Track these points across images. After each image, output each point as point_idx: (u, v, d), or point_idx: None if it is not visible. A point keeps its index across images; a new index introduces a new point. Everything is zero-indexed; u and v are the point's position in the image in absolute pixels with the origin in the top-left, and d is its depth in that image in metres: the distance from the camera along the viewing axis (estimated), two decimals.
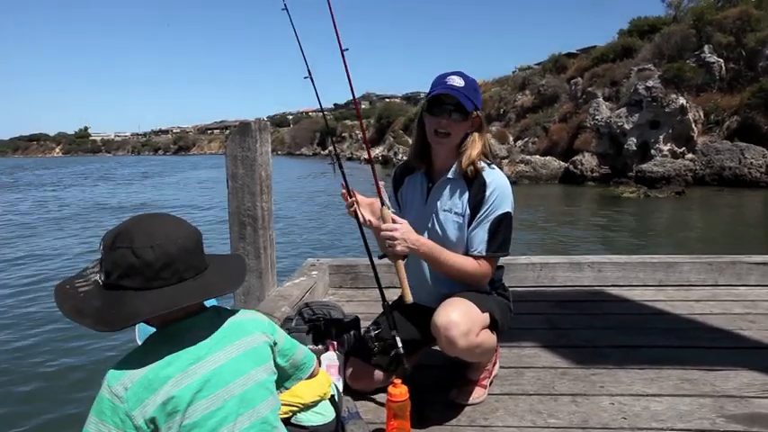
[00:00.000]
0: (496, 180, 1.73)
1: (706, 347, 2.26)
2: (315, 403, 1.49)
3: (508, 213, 1.74)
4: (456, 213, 1.74)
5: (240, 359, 1.04)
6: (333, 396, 1.55)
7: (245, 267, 1.17)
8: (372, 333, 1.82)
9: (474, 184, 1.73)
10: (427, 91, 1.78)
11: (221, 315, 1.09)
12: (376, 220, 1.76)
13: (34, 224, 13.43)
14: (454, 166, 1.76)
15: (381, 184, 1.74)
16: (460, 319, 1.60)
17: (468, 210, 1.73)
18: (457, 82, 1.70)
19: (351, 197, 1.79)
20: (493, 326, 1.73)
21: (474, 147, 1.73)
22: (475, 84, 1.75)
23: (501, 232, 1.72)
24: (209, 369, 0.99)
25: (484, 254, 1.71)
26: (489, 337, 1.71)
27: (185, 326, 1.02)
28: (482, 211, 1.71)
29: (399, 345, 1.71)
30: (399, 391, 1.49)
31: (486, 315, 1.69)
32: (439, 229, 1.77)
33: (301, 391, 1.47)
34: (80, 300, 0.98)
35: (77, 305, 0.98)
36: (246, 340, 1.07)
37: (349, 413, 1.61)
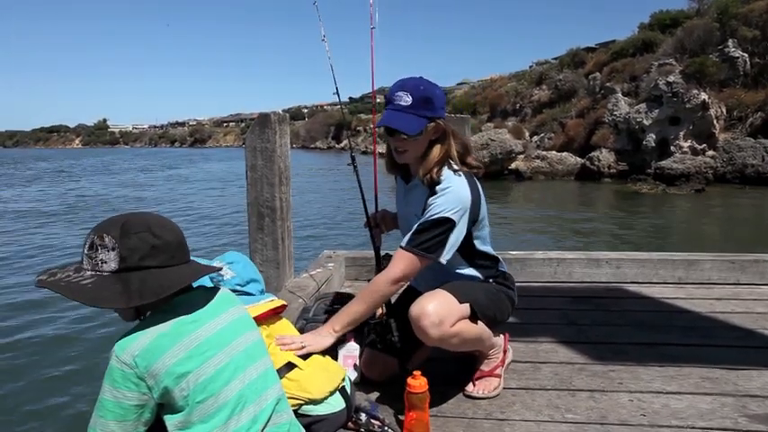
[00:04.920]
0: (449, 187, 1.68)
1: (728, 346, 2.23)
2: (324, 398, 1.49)
3: (446, 218, 1.64)
4: (416, 216, 1.73)
5: (236, 323, 1.18)
6: (344, 387, 1.56)
7: None
8: (371, 321, 1.85)
9: (431, 190, 1.71)
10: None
11: (210, 291, 1.23)
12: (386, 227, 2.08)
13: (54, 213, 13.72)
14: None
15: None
16: (433, 310, 1.61)
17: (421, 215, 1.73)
18: (404, 101, 1.66)
19: (372, 225, 2.00)
20: (474, 316, 1.72)
21: (432, 157, 1.71)
22: (427, 92, 1.66)
23: (429, 231, 1.65)
24: (212, 332, 1.11)
25: (402, 245, 1.70)
26: (469, 328, 1.70)
27: (182, 300, 1.13)
28: (425, 212, 1.69)
29: (395, 332, 1.76)
30: (419, 382, 1.49)
31: (466, 306, 1.68)
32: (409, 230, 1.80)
33: (310, 386, 1.48)
34: (90, 290, 1.04)
35: (93, 295, 1.04)
36: (236, 309, 1.22)
37: (371, 404, 1.62)
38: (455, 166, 1.74)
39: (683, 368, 2.01)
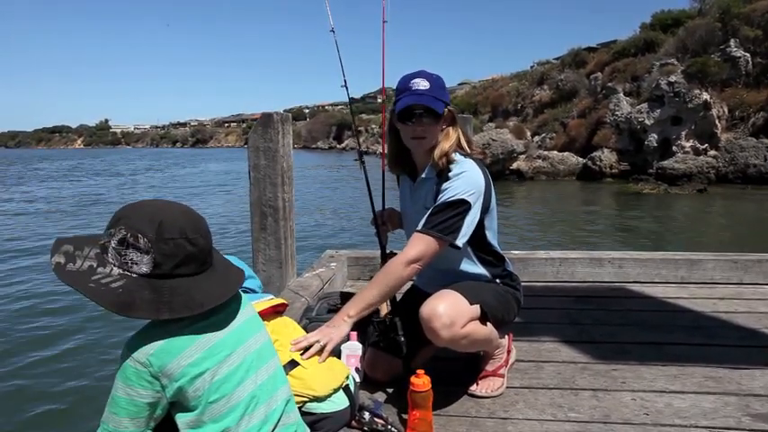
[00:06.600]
0: (463, 171, 1.70)
1: (731, 346, 2.23)
2: (328, 396, 1.50)
3: (462, 200, 1.65)
4: (426, 208, 1.72)
5: (247, 323, 1.17)
6: (347, 385, 1.56)
7: None
8: (375, 319, 1.85)
9: (443, 178, 1.72)
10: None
11: None
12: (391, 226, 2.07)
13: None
14: (430, 163, 1.77)
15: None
16: (444, 311, 1.60)
17: (434, 203, 1.72)
18: (422, 85, 1.70)
19: (379, 223, 2.03)
20: (485, 317, 1.72)
21: (447, 139, 1.73)
22: (440, 81, 1.74)
23: (444, 212, 1.64)
24: (226, 333, 1.10)
25: (418, 229, 1.68)
26: (478, 329, 1.70)
27: None
28: (439, 197, 1.69)
29: (400, 331, 1.75)
30: (422, 381, 1.49)
31: (476, 307, 1.68)
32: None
33: (315, 383, 1.49)
34: (119, 294, 0.98)
35: (120, 300, 0.98)
36: (247, 309, 1.21)
37: (374, 402, 1.62)
38: (463, 152, 1.76)
39: (686, 367, 2.01)
